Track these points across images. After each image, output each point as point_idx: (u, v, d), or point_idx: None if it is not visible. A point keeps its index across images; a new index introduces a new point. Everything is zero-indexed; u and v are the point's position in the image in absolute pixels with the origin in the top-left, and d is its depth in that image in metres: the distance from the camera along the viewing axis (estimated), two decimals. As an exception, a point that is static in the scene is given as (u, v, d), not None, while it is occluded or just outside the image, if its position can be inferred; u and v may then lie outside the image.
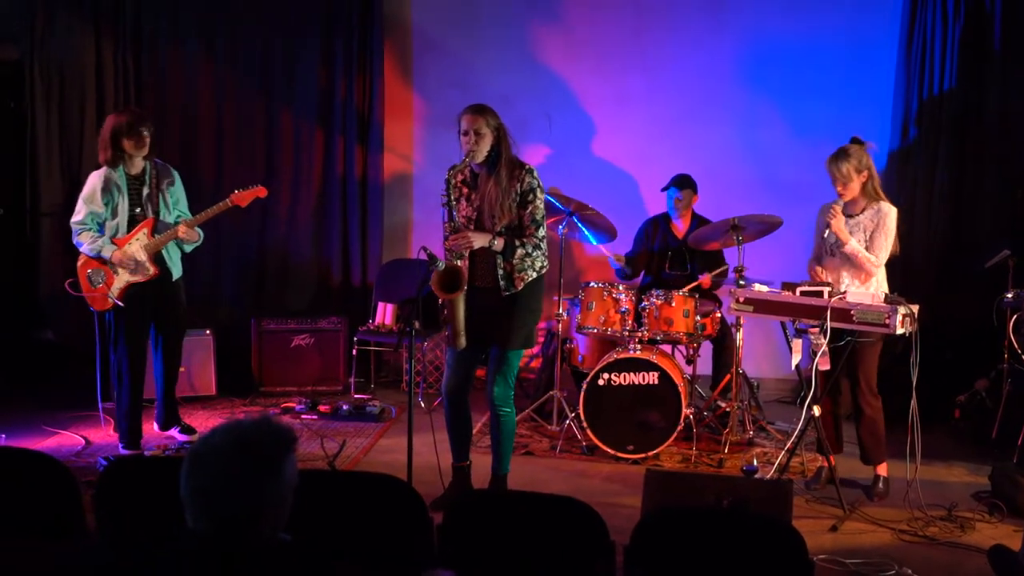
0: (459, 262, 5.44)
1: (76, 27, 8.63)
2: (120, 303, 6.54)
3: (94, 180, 6.57)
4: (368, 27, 8.90)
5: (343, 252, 9.13)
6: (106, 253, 6.50)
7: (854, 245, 6.02)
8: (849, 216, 6.11)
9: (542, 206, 5.54)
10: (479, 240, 5.40)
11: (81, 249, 6.59)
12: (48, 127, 8.64)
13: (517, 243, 5.45)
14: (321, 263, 9.17)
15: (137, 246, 6.55)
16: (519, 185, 5.46)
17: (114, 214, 6.55)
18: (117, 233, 6.55)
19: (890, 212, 6.08)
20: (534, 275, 5.53)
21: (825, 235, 6.12)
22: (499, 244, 5.43)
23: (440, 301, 5.47)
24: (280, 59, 8.98)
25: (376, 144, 9.03)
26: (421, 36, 9.21)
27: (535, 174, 5.52)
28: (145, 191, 6.61)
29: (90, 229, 6.54)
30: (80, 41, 8.64)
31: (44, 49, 8.57)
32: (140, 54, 8.82)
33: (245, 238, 8.98)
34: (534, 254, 5.49)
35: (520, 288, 5.51)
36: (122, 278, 6.56)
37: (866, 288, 5.98)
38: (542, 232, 5.53)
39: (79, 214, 6.56)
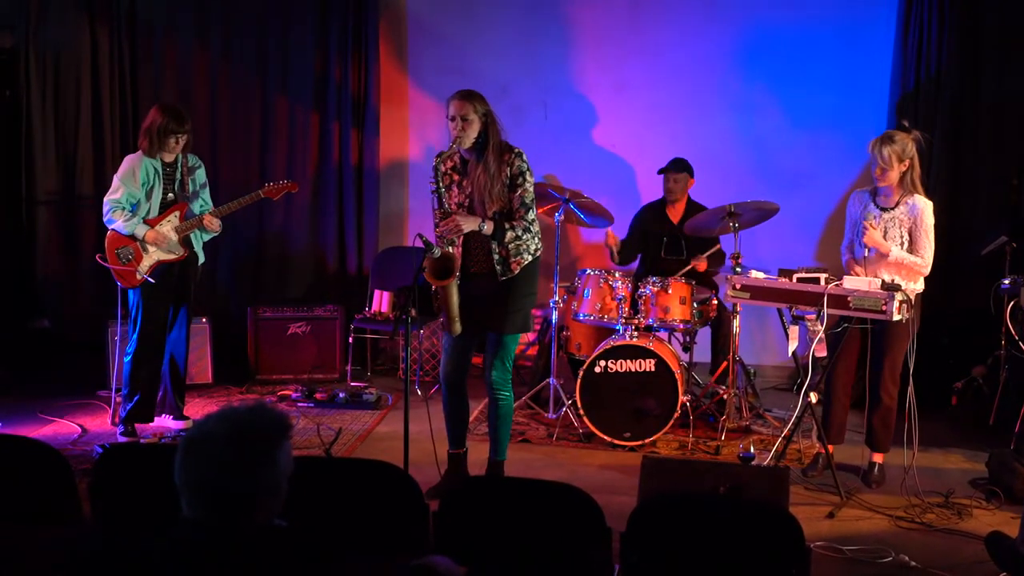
0: (451, 248, 5.42)
1: (71, 13, 8.62)
2: (151, 279, 6.59)
3: (132, 161, 6.64)
4: (363, 11, 8.88)
5: (339, 239, 9.12)
6: (139, 232, 6.56)
7: (897, 253, 5.91)
8: (883, 209, 6.03)
9: (532, 189, 5.52)
10: (468, 224, 5.37)
11: (113, 227, 6.63)
12: (43, 115, 8.63)
13: (507, 226, 5.42)
14: (317, 250, 9.16)
15: (169, 227, 6.64)
16: (508, 169, 5.44)
17: (148, 196, 6.62)
18: (149, 214, 6.63)
19: (926, 208, 5.96)
20: (529, 258, 5.52)
21: (866, 252, 6.03)
22: (488, 228, 5.40)
23: (433, 288, 5.45)
24: (275, 44, 8.96)
25: (371, 130, 9.01)
26: (416, 21, 9.19)
27: (524, 157, 5.49)
28: (177, 178, 6.72)
29: (124, 208, 6.59)
30: (75, 27, 8.63)
31: (39, 36, 8.56)
32: (135, 40, 8.81)
33: (241, 226, 8.94)
34: (524, 237, 5.47)
35: (516, 272, 5.50)
36: (152, 256, 6.62)
37: (901, 280, 5.91)
38: (532, 215, 5.50)
39: (116, 192, 6.61)
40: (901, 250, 5.94)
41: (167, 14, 8.84)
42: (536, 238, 5.53)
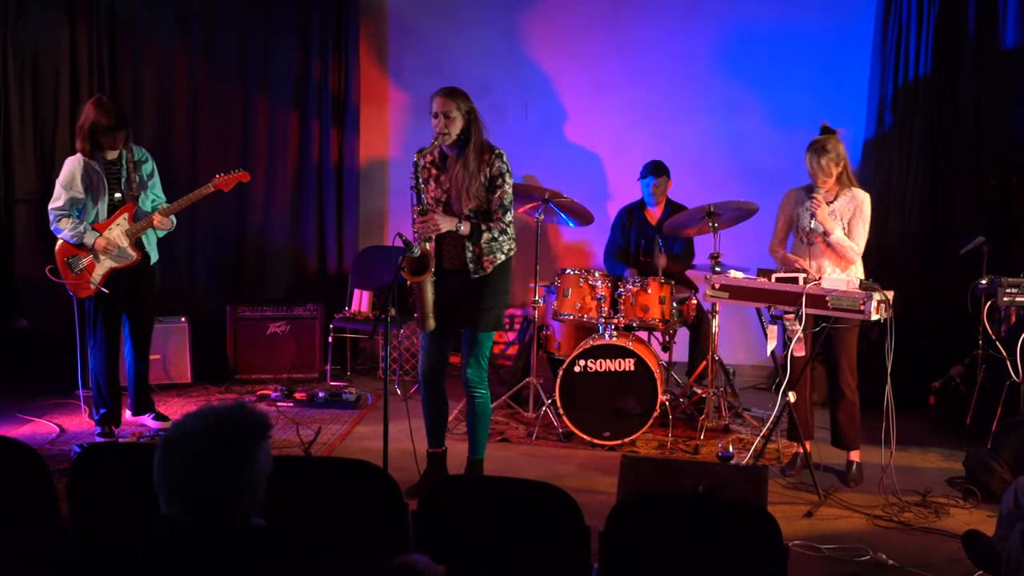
0: (427, 244, 5.43)
1: (50, 12, 8.57)
2: (104, 290, 6.52)
3: (72, 165, 6.51)
4: (343, 10, 8.87)
5: (319, 239, 9.10)
6: (88, 240, 6.46)
7: (839, 235, 6.03)
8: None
9: (510, 191, 5.53)
10: (446, 224, 5.38)
11: (61, 236, 6.53)
12: (22, 113, 8.58)
13: (484, 227, 5.44)
14: (297, 250, 9.15)
15: (118, 231, 6.52)
16: (488, 169, 5.45)
17: (94, 200, 6.50)
18: (97, 219, 6.51)
19: (865, 199, 6.11)
20: (503, 258, 5.53)
21: (812, 225, 6.10)
22: (465, 228, 5.42)
23: (408, 284, 5.45)
24: (255, 43, 8.94)
25: (352, 130, 9.00)
26: (397, 21, 9.19)
27: (504, 159, 5.51)
28: (123, 175, 6.58)
29: (69, 215, 6.49)
30: (54, 26, 8.58)
31: (18, 34, 8.50)
32: (115, 39, 8.76)
33: (220, 224, 8.94)
34: (500, 239, 5.48)
35: (489, 271, 5.51)
36: (104, 264, 6.53)
37: (845, 275, 5.99)
38: (509, 217, 5.52)
39: (58, 200, 6.49)
40: (842, 233, 6.05)
41: (147, 13, 8.79)
42: (511, 240, 5.55)
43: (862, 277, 6.07)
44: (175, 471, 2.52)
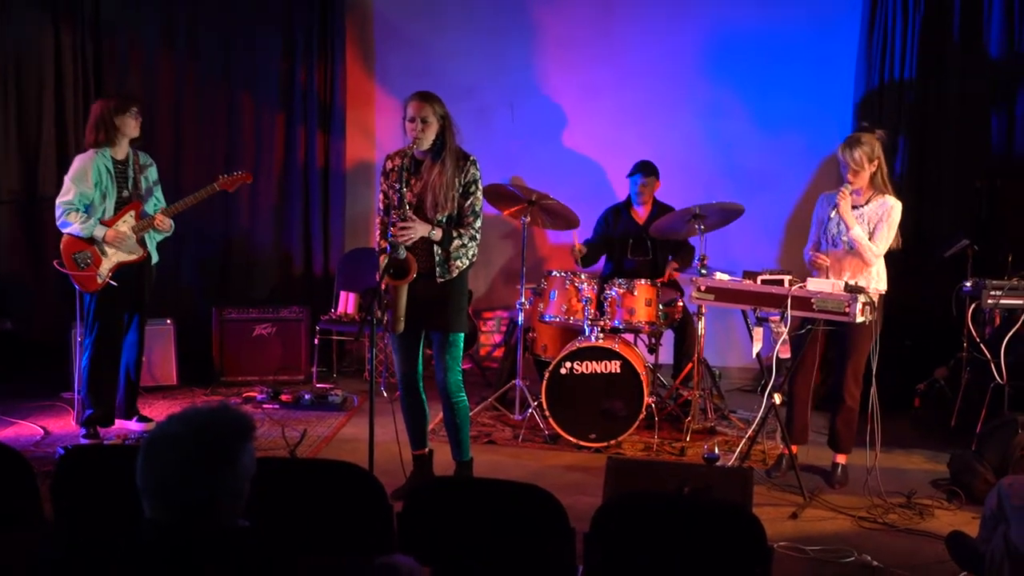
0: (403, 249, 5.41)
1: (33, 13, 8.53)
2: (112, 282, 6.53)
3: (83, 161, 6.54)
4: (329, 14, 8.87)
5: (305, 241, 9.10)
6: (98, 233, 6.48)
7: (858, 232, 5.98)
8: (854, 207, 6.07)
9: (481, 197, 5.57)
10: (423, 230, 5.39)
11: (68, 230, 6.54)
12: (5, 115, 8.54)
13: (455, 234, 5.46)
14: (283, 252, 9.13)
15: (126, 227, 6.56)
16: (463, 176, 5.47)
17: (103, 197, 6.54)
18: (104, 215, 6.54)
19: (895, 206, 6.06)
20: (466, 263, 5.56)
21: (835, 223, 6.08)
22: (437, 234, 5.42)
23: (384, 287, 5.43)
24: (240, 45, 8.92)
25: (338, 132, 9.00)
26: (383, 24, 9.18)
27: (478, 165, 5.54)
28: (130, 175, 6.64)
29: (77, 210, 6.50)
30: (38, 28, 8.54)
31: (1, 37, 8.46)
32: (99, 41, 8.74)
33: (206, 226, 8.90)
34: (469, 244, 5.51)
35: (454, 275, 5.52)
36: (112, 259, 6.56)
37: (864, 279, 5.98)
38: (479, 223, 5.55)
39: (68, 194, 6.50)
40: (863, 233, 6.00)
41: (132, 16, 8.77)
42: (477, 245, 5.58)
43: (884, 281, 6.07)
44: (158, 473, 2.51)
